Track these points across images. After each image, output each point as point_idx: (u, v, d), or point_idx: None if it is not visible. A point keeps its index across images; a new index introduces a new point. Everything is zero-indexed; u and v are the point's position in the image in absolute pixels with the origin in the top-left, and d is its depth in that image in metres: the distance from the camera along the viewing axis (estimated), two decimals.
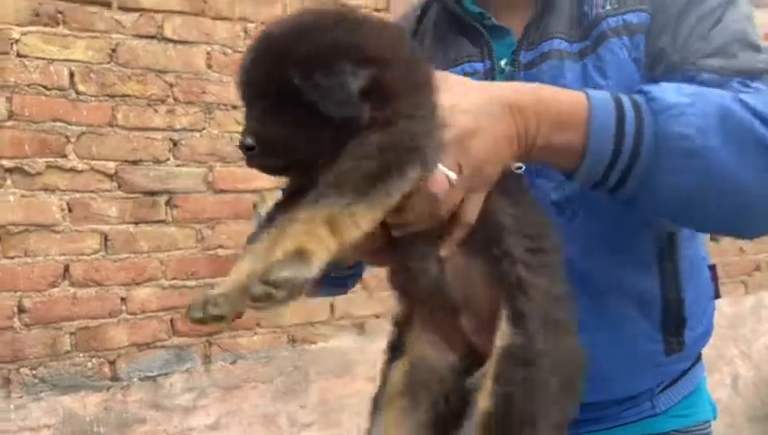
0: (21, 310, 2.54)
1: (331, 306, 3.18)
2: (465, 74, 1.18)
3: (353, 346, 3.22)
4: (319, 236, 0.76)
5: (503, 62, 1.20)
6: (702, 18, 1.13)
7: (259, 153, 0.88)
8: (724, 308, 4.61)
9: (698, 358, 1.32)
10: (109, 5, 2.69)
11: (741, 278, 4.72)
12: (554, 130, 0.95)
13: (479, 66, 1.21)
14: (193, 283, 2.89)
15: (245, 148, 0.88)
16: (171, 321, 2.84)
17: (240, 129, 0.94)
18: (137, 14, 2.74)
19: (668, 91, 0.98)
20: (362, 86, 0.85)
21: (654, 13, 1.14)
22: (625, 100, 0.98)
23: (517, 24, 1.21)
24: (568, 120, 0.96)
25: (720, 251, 4.32)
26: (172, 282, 2.85)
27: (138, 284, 2.77)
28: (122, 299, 2.73)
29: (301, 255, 0.74)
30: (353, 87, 0.85)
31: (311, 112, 0.85)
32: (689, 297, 1.20)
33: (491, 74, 1.20)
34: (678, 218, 1.06)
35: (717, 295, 1.31)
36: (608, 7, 1.16)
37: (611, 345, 1.17)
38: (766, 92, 1.01)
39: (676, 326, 1.19)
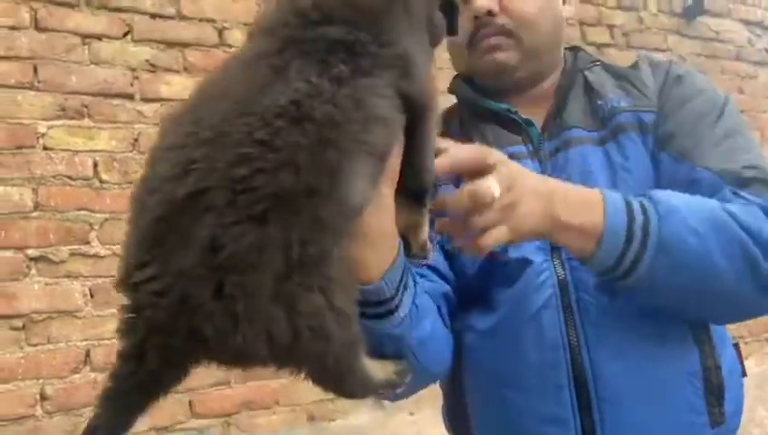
0: (43, 397, 2.56)
1: None
2: (511, 156, 1.23)
3: (373, 422, 3.18)
4: None
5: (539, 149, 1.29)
6: (704, 111, 1.22)
7: None
8: (751, 368, 4.50)
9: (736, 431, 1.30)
10: (131, 97, 2.81)
11: (765, 336, 4.63)
12: (575, 210, 1.02)
13: (522, 149, 1.28)
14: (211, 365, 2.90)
15: None
16: (189, 402, 2.84)
17: None
18: (158, 104, 2.86)
19: (672, 197, 1.07)
20: None
21: (659, 109, 1.25)
22: (631, 197, 1.07)
23: (538, 119, 1.31)
24: (585, 205, 1.04)
25: None
26: None
27: None
28: None
29: None
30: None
31: None
32: (724, 367, 1.22)
33: (537, 155, 1.27)
34: (668, 306, 1.14)
35: (744, 373, 1.32)
36: (622, 104, 1.26)
37: (658, 417, 1.17)
38: (754, 204, 1.08)
39: (717, 395, 1.20)
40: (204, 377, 2.87)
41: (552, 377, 1.18)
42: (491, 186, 0.90)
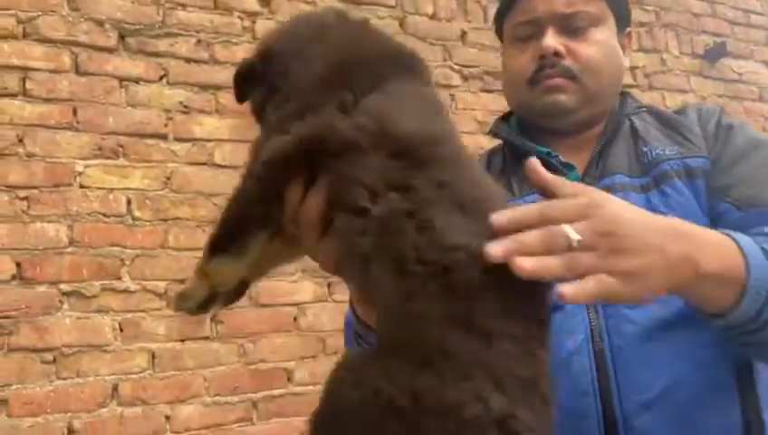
0: (71, 431, 2.60)
1: None
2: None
3: None
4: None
5: None
6: (764, 161, 1.20)
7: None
8: None
9: None
10: (165, 138, 2.91)
11: None
12: (714, 257, 0.88)
13: None
14: (235, 398, 2.92)
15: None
16: None
17: None
18: (190, 144, 2.95)
19: None
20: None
21: (714, 159, 1.22)
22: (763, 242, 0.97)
23: (580, 162, 1.30)
24: (722, 249, 0.91)
25: None
26: (215, 398, 2.89)
27: (182, 401, 2.82)
28: (167, 417, 2.78)
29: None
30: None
31: None
32: (764, 403, 1.17)
33: None
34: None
35: None
36: (667, 152, 1.25)
37: None
38: None
39: (756, 430, 1.15)
40: (227, 413, 2.89)
41: (583, 426, 1.15)
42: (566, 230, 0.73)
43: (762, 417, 1.17)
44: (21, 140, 2.67)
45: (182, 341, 2.86)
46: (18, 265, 2.60)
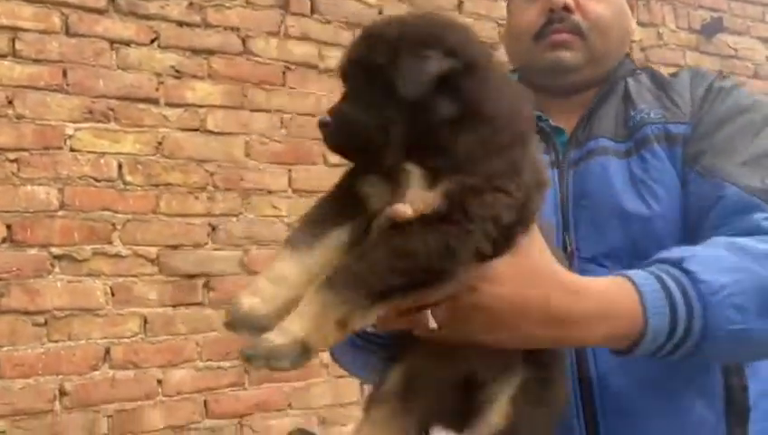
0: (62, 393, 2.61)
1: (361, 387, 3.19)
2: None
3: None
4: (325, 334, 0.79)
5: (559, 158, 1.29)
6: (742, 129, 1.20)
7: (333, 132, 0.88)
8: None
9: None
10: (156, 102, 2.88)
11: None
12: (597, 327, 0.96)
13: (545, 158, 1.28)
14: (227, 364, 2.95)
15: (320, 124, 0.90)
16: (205, 402, 2.88)
17: (276, 212, 1.01)
18: (182, 109, 2.93)
19: (709, 269, 1.00)
20: (441, 71, 0.86)
21: (695, 124, 1.23)
22: (673, 288, 0.98)
23: (567, 126, 1.31)
24: (620, 312, 0.97)
25: None
26: (207, 363, 2.91)
27: (174, 365, 2.83)
28: (159, 381, 2.80)
29: (304, 346, 0.78)
30: (431, 69, 0.85)
31: (390, 96, 0.86)
32: (754, 387, 1.19)
33: (557, 165, 1.28)
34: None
35: None
36: (652, 115, 1.25)
37: (670, 433, 1.16)
38: None
39: (741, 416, 1.17)
40: (220, 378, 2.92)
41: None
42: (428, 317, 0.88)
43: (744, 382, 1.19)
44: (10, 102, 2.64)
45: (174, 306, 2.87)
46: (9, 227, 2.59)
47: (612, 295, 0.97)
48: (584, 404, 1.17)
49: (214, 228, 2.98)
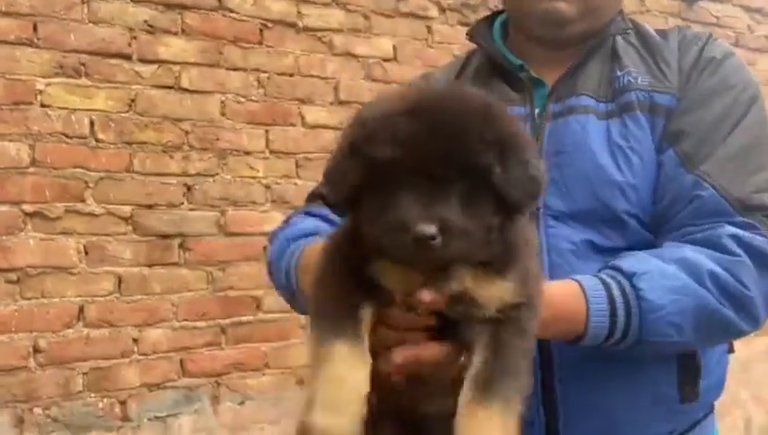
0: (36, 350, 2.60)
1: None
2: None
3: None
4: None
5: (536, 112, 1.29)
6: (727, 111, 1.21)
7: (443, 246, 0.81)
8: (737, 351, 4.57)
9: (711, 409, 1.34)
10: (129, 58, 2.82)
11: None
12: (552, 324, 1.06)
13: (520, 110, 1.29)
14: (203, 324, 2.95)
15: (423, 238, 0.80)
16: (181, 361, 2.89)
17: (252, 173, 0.98)
18: (155, 66, 2.87)
19: (655, 288, 1.10)
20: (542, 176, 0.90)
21: (681, 97, 1.23)
22: (618, 304, 1.09)
23: (551, 79, 1.30)
24: (567, 316, 1.09)
25: None
26: (183, 323, 2.91)
27: (149, 325, 2.83)
28: (134, 340, 2.80)
29: None
30: (541, 177, 0.89)
31: (490, 200, 0.84)
32: (703, 348, 1.24)
33: (530, 118, 1.28)
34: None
35: (731, 350, 1.35)
36: (639, 81, 1.25)
37: (627, 390, 1.20)
38: (743, 257, 1.12)
39: (692, 375, 1.22)
40: (196, 337, 2.92)
41: None
42: None
43: (698, 362, 1.23)
44: None
45: (149, 266, 2.85)
46: None
47: (563, 303, 1.08)
48: (542, 367, 1.20)
49: (189, 188, 2.95)
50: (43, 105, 2.67)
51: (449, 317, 0.92)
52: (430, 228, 0.81)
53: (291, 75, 3.18)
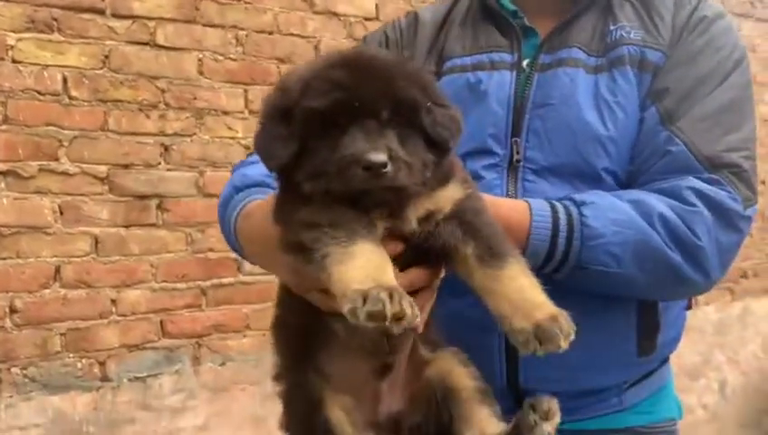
0: (12, 310, 2.58)
1: None
2: (492, 62, 1.29)
3: None
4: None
5: (525, 62, 1.29)
6: (711, 72, 1.22)
7: (392, 175, 0.90)
8: (710, 315, 4.66)
9: (665, 360, 1.39)
10: (102, 12, 2.74)
11: (727, 285, 4.77)
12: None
13: (507, 57, 1.29)
14: (183, 285, 2.93)
15: (374, 166, 0.89)
16: (161, 323, 2.88)
17: (231, 134, 0.99)
18: (129, 21, 2.80)
19: (600, 217, 1.13)
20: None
21: (670, 54, 1.24)
22: (562, 225, 1.13)
23: (544, 28, 1.30)
24: (512, 233, 1.11)
25: None
26: (162, 284, 2.89)
27: (128, 286, 2.81)
28: (113, 301, 2.78)
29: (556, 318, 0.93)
30: (461, 119, 1.01)
31: (423, 142, 0.97)
32: (663, 304, 1.28)
33: (516, 67, 1.28)
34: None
35: (689, 306, 1.39)
36: (632, 36, 1.25)
37: (588, 340, 1.21)
38: (702, 208, 1.15)
39: (651, 330, 1.27)
40: (176, 299, 2.91)
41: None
42: None
43: (657, 318, 1.27)
44: None
45: (126, 227, 2.82)
46: None
47: (508, 216, 1.11)
48: None
49: (166, 148, 2.90)
50: (14, 61, 2.60)
51: (419, 248, 1.00)
52: (381, 156, 0.90)
53: (270, 33, 3.12)
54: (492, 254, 0.96)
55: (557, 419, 1.04)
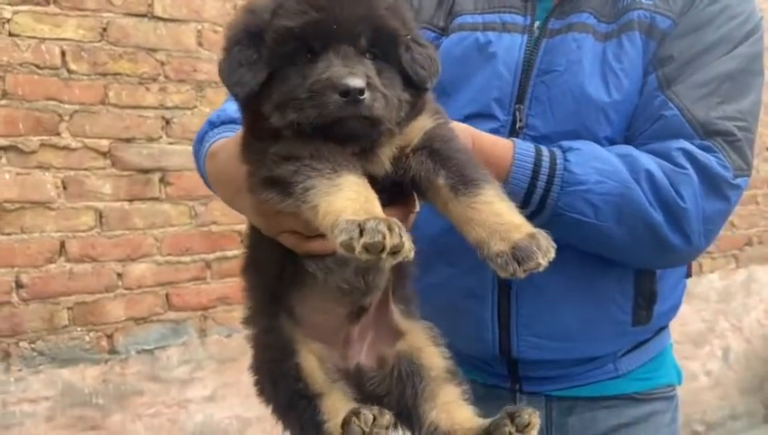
0: (19, 285, 2.59)
1: None
2: (504, 24, 1.26)
3: None
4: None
5: (535, 25, 1.27)
6: (719, 40, 1.19)
7: (369, 104, 0.87)
8: (714, 282, 4.67)
9: (663, 328, 1.38)
10: None
11: (732, 252, 4.77)
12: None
13: (520, 19, 1.27)
14: (188, 258, 2.94)
15: (353, 91, 0.85)
16: (167, 296, 2.90)
17: None
18: None
19: (583, 164, 1.12)
20: None
21: (679, 21, 1.21)
22: (544, 164, 1.12)
23: None
24: (493, 169, 1.08)
25: None
26: (167, 258, 2.90)
27: (133, 260, 2.82)
28: (118, 275, 2.79)
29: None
30: (438, 60, 0.97)
31: (400, 79, 0.93)
32: (660, 272, 1.27)
33: (528, 30, 1.26)
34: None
35: (689, 274, 1.39)
36: (645, 0, 1.22)
37: (582, 309, 1.24)
38: (690, 170, 1.13)
39: (647, 300, 1.26)
40: (181, 272, 2.92)
41: (482, 277, 1.22)
42: None
43: (654, 288, 1.26)
44: None
45: (130, 201, 2.82)
46: None
47: (491, 148, 1.09)
48: (499, 281, 1.22)
49: (168, 121, 2.89)
50: (11, 34, 2.57)
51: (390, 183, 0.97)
52: (359, 81, 0.85)
53: None
54: (464, 182, 0.92)
55: (535, 432, 0.98)
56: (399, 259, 0.80)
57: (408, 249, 0.80)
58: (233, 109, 1.19)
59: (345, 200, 0.83)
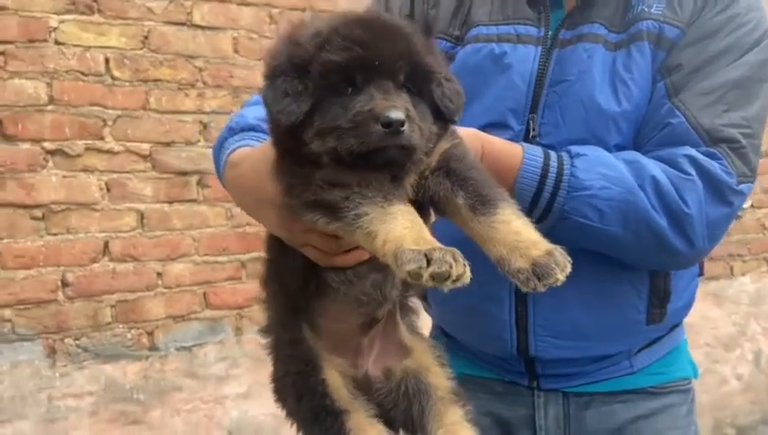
0: (64, 284, 2.69)
1: None
2: (519, 35, 1.29)
3: None
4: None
5: (547, 35, 1.29)
6: (727, 48, 1.21)
7: (408, 134, 0.92)
8: (746, 285, 4.61)
9: (677, 325, 1.40)
10: None
11: (764, 255, 4.71)
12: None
13: (534, 31, 1.29)
14: (224, 258, 3.02)
15: (394, 123, 0.90)
16: (204, 294, 2.98)
17: None
18: (166, 2, 2.86)
19: (590, 170, 1.15)
20: None
21: (687, 31, 1.23)
22: (552, 169, 1.15)
23: (570, 2, 1.30)
24: (502, 173, 1.13)
25: (742, 229, 4.33)
26: (204, 258, 2.98)
27: (172, 259, 2.91)
28: (158, 274, 2.88)
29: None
30: (464, 94, 1.03)
31: (431, 112, 0.99)
32: (674, 272, 1.29)
33: (543, 42, 1.28)
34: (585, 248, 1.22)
35: (701, 273, 1.41)
36: (654, 10, 1.25)
37: (596, 309, 1.26)
38: (695, 177, 1.16)
39: (662, 298, 1.29)
40: (217, 272, 3.00)
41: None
42: None
43: (669, 287, 1.28)
44: None
45: (170, 203, 2.91)
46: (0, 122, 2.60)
47: (500, 153, 1.13)
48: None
49: (205, 126, 2.98)
50: (57, 43, 2.68)
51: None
52: (401, 114, 0.91)
53: (303, 10, 3.15)
54: (483, 202, 0.96)
55: None
56: (458, 285, 0.86)
57: (468, 276, 0.86)
58: (251, 115, 1.23)
59: (402, 229, 0.88)
